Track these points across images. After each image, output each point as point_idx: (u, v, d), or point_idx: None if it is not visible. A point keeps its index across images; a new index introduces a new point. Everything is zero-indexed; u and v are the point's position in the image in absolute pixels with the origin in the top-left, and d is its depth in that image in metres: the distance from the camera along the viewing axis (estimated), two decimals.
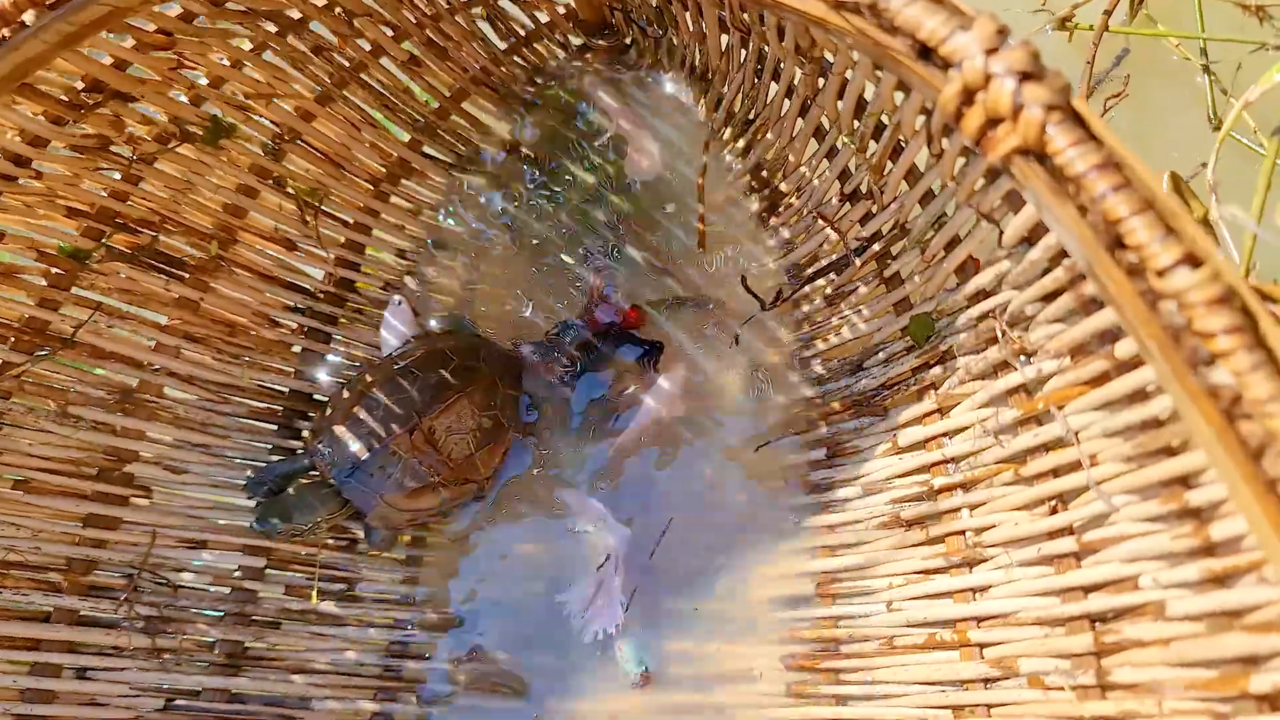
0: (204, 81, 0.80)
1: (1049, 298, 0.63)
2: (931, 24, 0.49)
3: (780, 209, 0.94)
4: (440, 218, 1.03)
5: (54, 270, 0.80)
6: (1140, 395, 0.57)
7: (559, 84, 1.04)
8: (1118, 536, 0.62)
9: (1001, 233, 0.65)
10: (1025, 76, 0.47)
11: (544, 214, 1.01)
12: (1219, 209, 0.72)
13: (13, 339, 0.79)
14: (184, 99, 0.80)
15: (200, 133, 0.83)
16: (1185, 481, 0.56)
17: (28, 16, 0.60)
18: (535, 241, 1.01)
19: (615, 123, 1.00)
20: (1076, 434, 0.64)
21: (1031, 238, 0.61)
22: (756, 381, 0.93)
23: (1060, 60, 0.97)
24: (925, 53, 0.51)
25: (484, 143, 1.05)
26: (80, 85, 0.71)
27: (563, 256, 1.00)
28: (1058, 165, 0.47)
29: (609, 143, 1.01)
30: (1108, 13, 0.87)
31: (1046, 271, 0.62)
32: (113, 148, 0.78)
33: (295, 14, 0.80)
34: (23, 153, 0.72)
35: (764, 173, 0.95)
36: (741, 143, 0.96)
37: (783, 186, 0.93)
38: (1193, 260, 0.45)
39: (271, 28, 0.79)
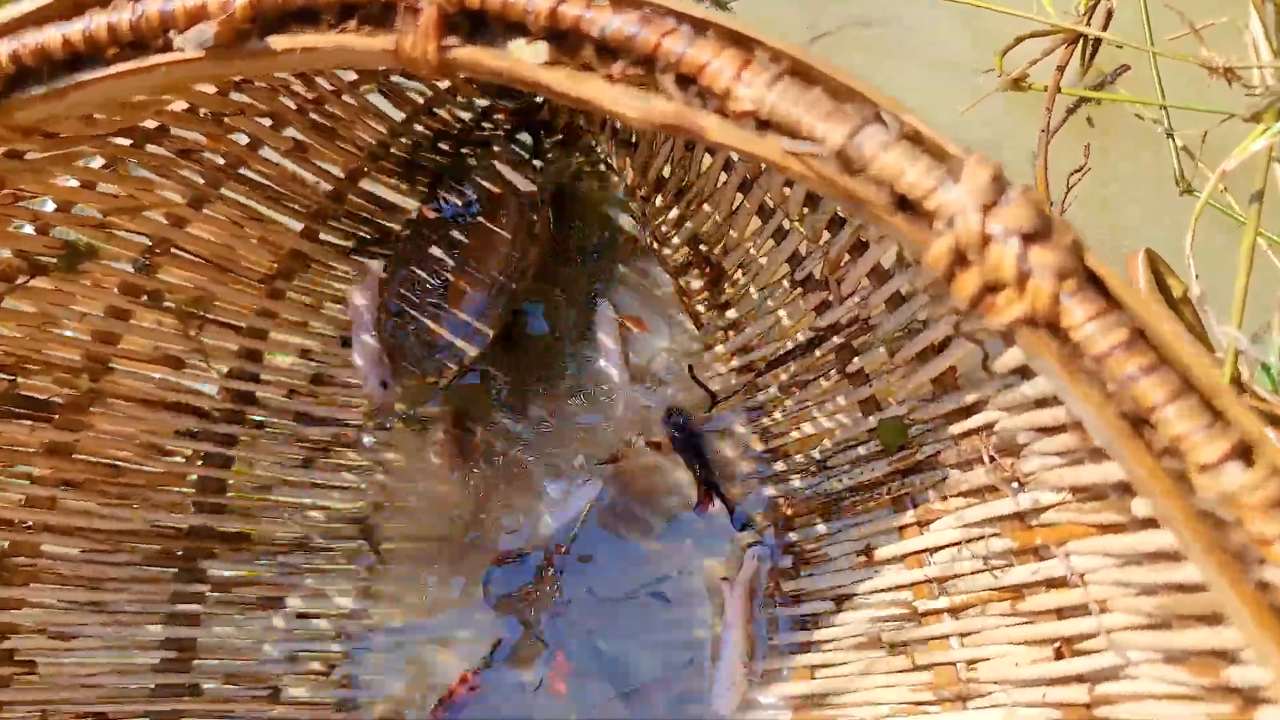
0: (50, 208, 0.68)
1: (1048, 430, 0.55)
2: (912, 175, 0.40)
3: (724, 286, 0.85)
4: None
5: None
6: (1164, 556, 0.50)
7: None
8: (1139, 695, 0.54)
9: (987, 355, 0.57)
10: (1029, 237, 0.39)
11: None
12: (1198, 291, 0.66)
13: None
14: (29, 229, 0.68)
15: (55, 261, 0.71)
16: (1222, 654, 0.48)
17: None
18: None
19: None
20: (1083, 576, 0.57)
21: (1027, 373, 0.54)
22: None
23: (1014, 124, 0.90)
24: (905, 203, 0.42)
25: (388, 220, 0.94)
26: None
27: None
28: (1075, 342, 0.39)
29: None
30: (1060, 68, 0.79)
31: (1043, 404, 0.54)
32: None
33: (151, 123, 0.68)
34: None
35: (703, 246, 0.86)
36: (675, 213, 0.86)
37: (725, 263, 0.84)
38: (1244, 453, 0.38)
39: (125, 141, 0.68)
